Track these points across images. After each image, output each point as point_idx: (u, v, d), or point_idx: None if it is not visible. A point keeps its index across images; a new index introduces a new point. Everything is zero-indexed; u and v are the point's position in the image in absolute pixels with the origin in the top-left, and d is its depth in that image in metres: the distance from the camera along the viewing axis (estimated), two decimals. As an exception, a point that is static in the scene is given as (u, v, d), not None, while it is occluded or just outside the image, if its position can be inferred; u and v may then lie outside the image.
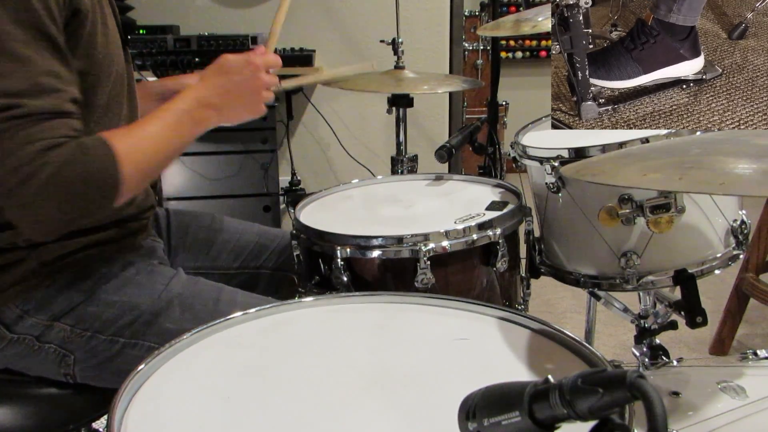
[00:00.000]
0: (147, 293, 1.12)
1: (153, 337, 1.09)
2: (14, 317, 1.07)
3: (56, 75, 0.94)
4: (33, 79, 0.90)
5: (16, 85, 0.89)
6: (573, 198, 1.26)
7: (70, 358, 1.09)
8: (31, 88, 0.90)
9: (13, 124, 0.88)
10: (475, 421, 0.53)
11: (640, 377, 0.46)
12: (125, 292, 1.11)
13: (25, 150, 0.88)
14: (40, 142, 0.88)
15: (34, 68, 0.91)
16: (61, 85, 0.94)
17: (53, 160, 0.88)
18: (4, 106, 0.88)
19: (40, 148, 0.88)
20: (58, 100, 0.93)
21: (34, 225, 0.92)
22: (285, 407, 0.75)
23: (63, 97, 0.94)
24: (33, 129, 0.89)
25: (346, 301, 1.02)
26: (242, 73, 1.10)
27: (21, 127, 0.88)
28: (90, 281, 1.10)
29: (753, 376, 1.09)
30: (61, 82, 0.94)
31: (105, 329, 1.08)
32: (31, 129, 0.89)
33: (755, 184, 0.72)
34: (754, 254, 2.30)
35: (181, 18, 3.02)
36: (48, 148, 0.89)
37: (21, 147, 0.87)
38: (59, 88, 0.93)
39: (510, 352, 0.86)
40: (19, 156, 0.87)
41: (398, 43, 2.16)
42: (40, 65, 0.92)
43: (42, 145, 0.88)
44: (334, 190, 1.54)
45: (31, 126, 0.89)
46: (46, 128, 0.90)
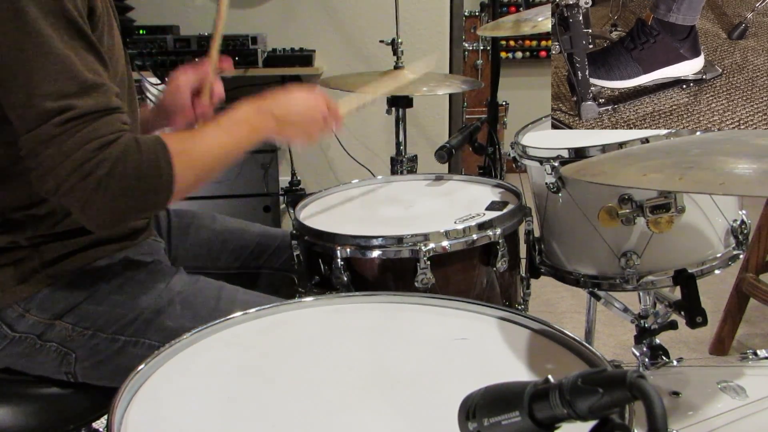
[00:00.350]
0: (148, 291, 1.12)
1: (154, 335, 1.09)
2: (16, 316, 1.07)
3: (97, 72, 0.96)
4: (79, 79, 0.92)
5: (65, 87, 0.91)
6: (573, 198, 1.26)
7: (72, 356, 1.09)
8: (79, 88, 0.92)
9: (69, 126, 0.91)
10: (475, 421, 0.53)
11: (640, 377, 0.46)
12: (126, 291, 1.11)
13: (83, 149, 0.91)
14: (96, 141, 0.91)
15: (77, 67, 0.93)
16: (103, 81, 0.96)
17: (109, 155, 0.92)
18: (58, 109, 0.90)
19: (97, 146, 0.91)
20: (105, 96, 0.95)
21: (92, 219, 0.95)
22: (285, 407, 0.75)
23: (108, 93, 0.96)
24: (88, 128, 0.91)
25: (346, 301, 1.02)
26: (307, 99, 1.16)
27: (77, 128, 0.91)
28: (91, 280, 1.10)
29: (753, 376, 1.09)
30: (101, 78, 0.96)
31: (106, 327, 1.09)
32: (86, 129, 0.91)
33: (755, 184, 0.72)
34: (754, 254, 2.29)
35: (181, 18, 3.02)
36: (104, 145, 0.92)
37: (79, 147, 0.90)
38: (103, 83, 0.95)
39: (510, 352, 0.86)
40: (77, 156, 0.90)
41: (398, 44, 2.16)
42: (81, 64, 0.93)
43: (99, 143, 0.91)
44: (334, 190, 1.54)
45: (86, 126, 0.91)
46: (100, 126, 0.93)
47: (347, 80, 2.09)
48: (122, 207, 0.95)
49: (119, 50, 1.10)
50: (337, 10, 3.07)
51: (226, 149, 1.05)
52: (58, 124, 0.90)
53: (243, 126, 1.07)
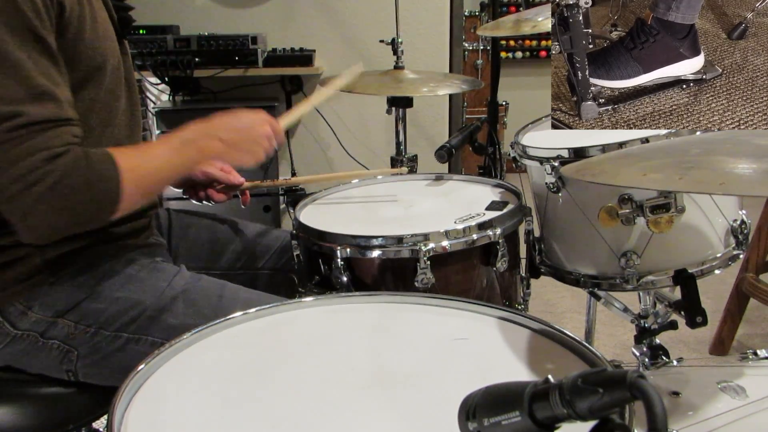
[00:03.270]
0: (150, 289, 1.12)
1: (157, 332, 1.09)
2: (18, 314, 1.07)
3: (51, 78, 0.94)
4: (30, 84, 0.91)
5: (14, 92, 0.90)
6: (573, 198, 1.26)
7: (74, 354, 1.09)
8: (30, 94, 0.91)
9: (17, 134, 0.89)
10: (475, 421, 0.53)
11: (640, 377, 0.46)
12: (129, 289, 1.11)
13: (30, 159, 0.90)
14: (45, 152, 0.90)
15: (29, 73, 0.92)
16: (57, 89, 0.95)
17: (56, 168, 0.91)
18: (6, 114, 0.89)
19: (45, 157, 0.90)
20: (58, 106, 0.94)
21: (31, 230, 0.95)
22: (285, 407, 0.75)
23: (62, 103, 0.95)
24: (37, 139, 0.91)
25: (346, 301, 1.02)
26: (252, 120, 1.16)
27: (25, 136, 0.90)
28: (93, 278, 1.10)
29: (753, 376, 1.09)
30: (56, 85, 0.95)
31: (109, 325, 1.09)
32: (35, 139, 0.90)
33: (755, 184, 0.72)
34: (754, 254, 2.29)
35: (181, 18, 3.02)
36: (52, 157, 0.91)
37: (25, 157, 0.89)
38: (56, 92, 0.94)
39: (510, 352, 0.86)
40: (23, 165, 0.89)
41: (398, 43, 2.16)
42: (35, 69, 0.92)
43: (46, 155, 0.90)
44: (334, 190, 1.54)
45: (35, 136, 0.90)
46: (50, 137, 0.92)
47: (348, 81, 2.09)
48: (63, 221, 0.94)
49: (107, 42, 1.09)
50: (337, 10, 3.07)
51: (173, 169, 1.07)
52: (5, 130, 0.89)
53: (191, 147, 1.08)
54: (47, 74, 0.94)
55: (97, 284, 1.10)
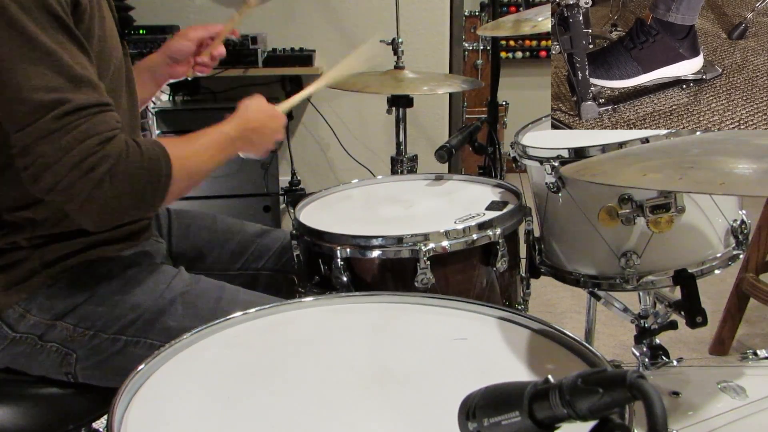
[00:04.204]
0: (149, 292, 1.12)
1: (155, 335, 1.09)
2: (17, 316, 1.07)
3: (83, 65, 0.95)
4: (68, 72, 0.92)
5: (54, 81, 0.90)
6: (573, 198, 1.26)
7: (72, 356, 1.09)
8: (69, 81, 0.92)
9: (66, 120, 0.90)
10: (475, 421, 0.53)
11: (640, 377, 0.46)
12: (127, 291, 1.11)
13: (82, 146, 0.90)
14: (96, 137, 0.91)
15: (65, 60, 0.92)
16: (93, 76, 0.96)
17: (111, 153, 0.92)
18: (53, 102, 0.90)
19: (97, 142, 0.91)
20: (97, 91, 0.95)
21: (90, 216, 0.95)
22: (285, 407, 0.75)
23: (99, 88, 0.96)
24: (87, 124, 0.91)
25: (346, 301, 1.02)
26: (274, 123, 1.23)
27: (75, 123, 0.90)
28: (92, 280, 1.10)
29: (753, 376, 1.09)
30: (90, 72, 0.96)
31: (107, 328, 1.09)
32: (86, 124, 0.91)
33: (755, 184, 0.72)
34: (754, 254, 2.29)
35: (181, 18, 3.02)
36: (104, 141, 0.92)
37: (78, 144, 0.90)
38: (91, 78, 0.95)
39: (510, 352, 0.86)
40: (77, 152, 0.90)
41: (398, 43, 2.16)
42: (69, 58, 0.93)
43: (99, 139, 0.91)
44: (334, 190, 1.54)
45: (84, 121, 0.91)
46: (98, 122, 0.92)
47: (347, 80, 2.09)
48: (121, 205, 0.95)
49: (113, 42, 1.10)
50: (337, 10, 3.07)
51: (214, 161, 1.09)
52: (55, 118, 0.89)
53: (231, 145, 1.13)
54: (79, 62, 0.94)
55: (95, 287, 1.10)
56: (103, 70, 1.06)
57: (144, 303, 1.10)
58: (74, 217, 0.96)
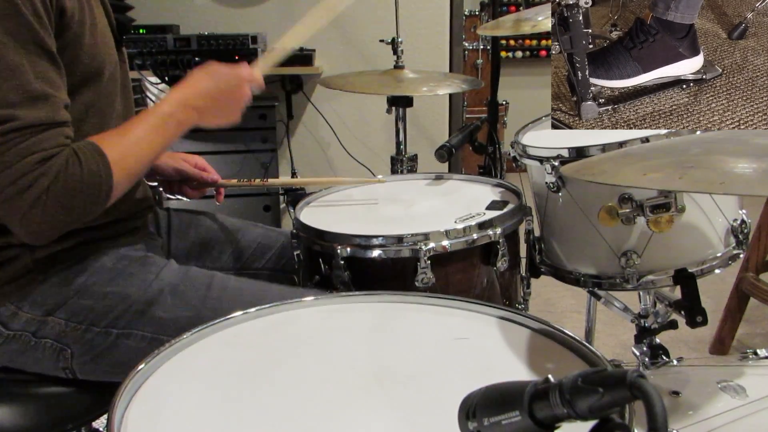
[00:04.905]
0: (137, 283, 1.12)
1: (146, 326, 1.09)
2: (9, 314, 1.07)
3: (48, 80, 0.95)
4: (26, 88, 0.92)
5: (10, 96, 0.91)
6: (573, 197, 1.26)
7: (67, 352, 1.09)
8: (25, 98, 0.92)
9: (11, 137, 0.90)
10: (475, 420, 0.53)
11: (640, 377, 0.46)
12: (116, 283, 1.11)
13: (23, 162, 0.91)
14: (37, 154, 0.91)
15: (26, 76, 0.92)
16: (54, 91, 0.96)
17: (49, 171, 0.92)
18: (1, 117, 0.90)
19: (38, 159, 0.91)
20: (52, 109, 0.95)
21: (29, 231, 0.96)
22: (285, 406, 0.75)
23: (57, 106, 0.96)
24: (29, 141, 0.91)
25: (346, 300, 1.02)
26: (228, 82, 1.14)
27: (18, 140, 0.91)
28: (82, 275, 1.10)
29: (753, 375, 1.09)
30: (53, 87, 0.95)
31: (98, 321, 1.09)
32: (28, 142, 0.91)
33: (755, 184, 0.72)
34: (754, 254, 2.30)
35: (181, 17, 3.02)
36: (44, 159, 0.92)
37: (19, 160, 0.90)
38: (52, 94, 0.95)
39: (510, 351, 0.86)
40: (16, 168, 0.90)
41: (398, 43, 2.16)
42: (32, 71, 0.93)
43: (39, 157, 0.91)
44: (334, 189, 1.54)
45: (28, 138, 0.91)
46: (43, 140, 0.92)
47: (347, 80, 2.09)
48: (60, 220, 0.95)
49: (106, 49, 1.10)
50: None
51: (156, 149, 1.07)
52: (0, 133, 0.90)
53: (170, 123, 1.07)
54: (45, 77, 0.94)
55: (85, 281, 1.10)
56: (93, 77, 1.06)
57: (133, 294, 1.10)
58: (14, 231, 0.97)
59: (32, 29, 0.92)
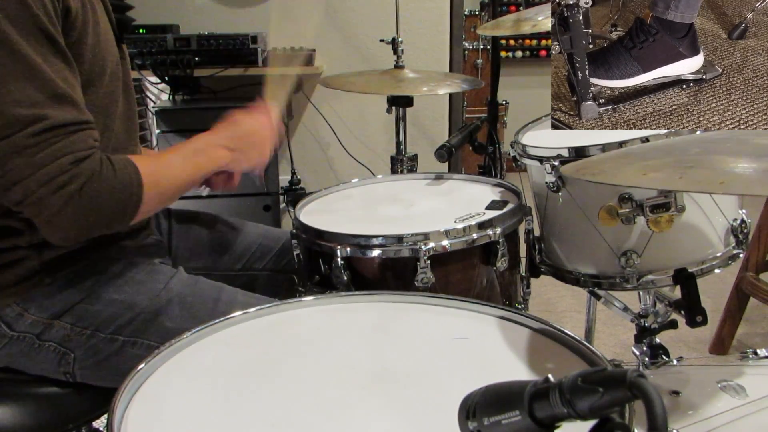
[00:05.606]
0: (146, 292, 1.12)
1: (153, 335, 1.09)
2: (14, 315, 1.07)
3: (67, 81, 0.95)
4: (49, 87, 0.92)
5: (34, 96, 0.91)
6: (573, 197, 1.26)
7: (70, 356, 1.09)
8: (50, 97, 0.92)
9: (42, 137, 0.90)
10: (475, 420, 0.53)
11: (640, 376, 0.46)
12: (125, 291, 1.11)
13: (56, 163, 0.91)
14: (71, 155, 0.92)
15: (47, 75, 0.92)
16: (74, 92, 0.96)
17: (83, 172, 0.92)
18: (31, 118, 0.90)
19: (71, 161, 0.92)
20: (77, 109, 0.95)
21: (57, 232, 0.95)
22: (285, 406, 0.75)
23: (80, 105, 0.96)
24: (63, 142, 0.92)
25: (346, 300, 1.02)
26: (254, 125, 1.21)
27: (51, 140, 0.91)
28: (90, 280, 1.10)
29: (753, 375, 1.09)
30: (72, 88, 0.96)
31: (104, 327, 1.09)
32: (61, 143, 0.92)
33: (755, 184, 0.72)
34: (754, 253, 2.30)
35: (180, 17, 3.02)
36: (78, 161, 0.92)
37: (52, 160, 0.91)
38: (74, 95, 0.95)
39: (510, 351, 0.86)
40: (50, 169, 0.91)
41: (398, 43, 2.16)
42: (52, 72, 0.93)
43: (73, 158, 0.92)
44: (334, 189, 1.54)
45: (62, 139, 0.92)
46: (75, 141, 0.93)
47: (347, 79, 2.09)
48: (88, 223, 0.95)
49: (108, 47, 1.09)
50: (337, 10, 3.07)
51: (187, 178, 1.09)
52: (31, 134, 0.90)
53: (201, 156, 1.12)
54: (63, 77, 0.94)
55: (93, 286, 1.10)
56: (97, 76, 1.06)
57: (141, 303, 1.10)
58: (41, 230, 0.97)
59: (45, 28, 0.93)
